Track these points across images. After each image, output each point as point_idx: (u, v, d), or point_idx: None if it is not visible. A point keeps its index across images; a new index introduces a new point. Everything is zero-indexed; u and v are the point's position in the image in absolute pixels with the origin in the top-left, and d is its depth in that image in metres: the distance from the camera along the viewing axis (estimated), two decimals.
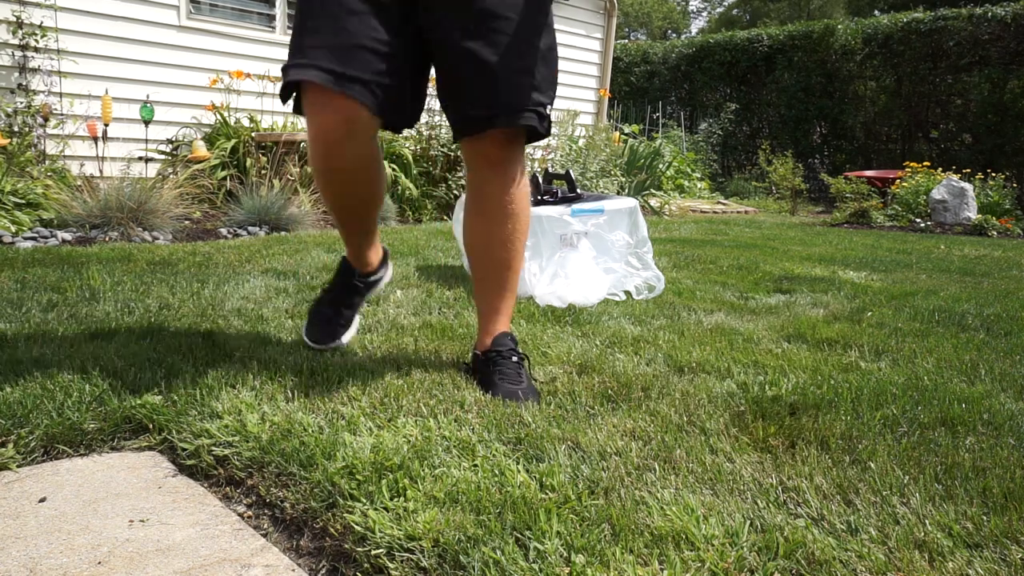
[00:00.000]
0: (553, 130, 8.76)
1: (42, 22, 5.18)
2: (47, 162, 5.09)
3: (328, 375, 1.90)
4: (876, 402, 1.89)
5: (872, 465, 1.49)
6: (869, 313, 3.07)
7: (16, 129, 4.98)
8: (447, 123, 2.02)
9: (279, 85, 2.00)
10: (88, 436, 1.58)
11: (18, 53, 5.13)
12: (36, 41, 5.15)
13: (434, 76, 1.91)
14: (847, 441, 1.62)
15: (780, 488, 1.41)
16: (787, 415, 1.77)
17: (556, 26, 1.90)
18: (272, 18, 6.74)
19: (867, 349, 2.48)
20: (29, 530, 1.25)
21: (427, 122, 6.96)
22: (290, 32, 6.92)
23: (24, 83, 5.17)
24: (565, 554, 1.14)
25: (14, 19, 5.03)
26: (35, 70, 5.20)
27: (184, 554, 1.21)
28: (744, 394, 1.92)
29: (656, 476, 1.42)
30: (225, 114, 6.07)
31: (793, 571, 1.13)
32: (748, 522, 1.26)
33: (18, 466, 1.47)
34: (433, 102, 7.18)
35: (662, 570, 1.11)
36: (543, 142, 8.71)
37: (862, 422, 1.74)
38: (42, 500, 1.35)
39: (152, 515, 1.32)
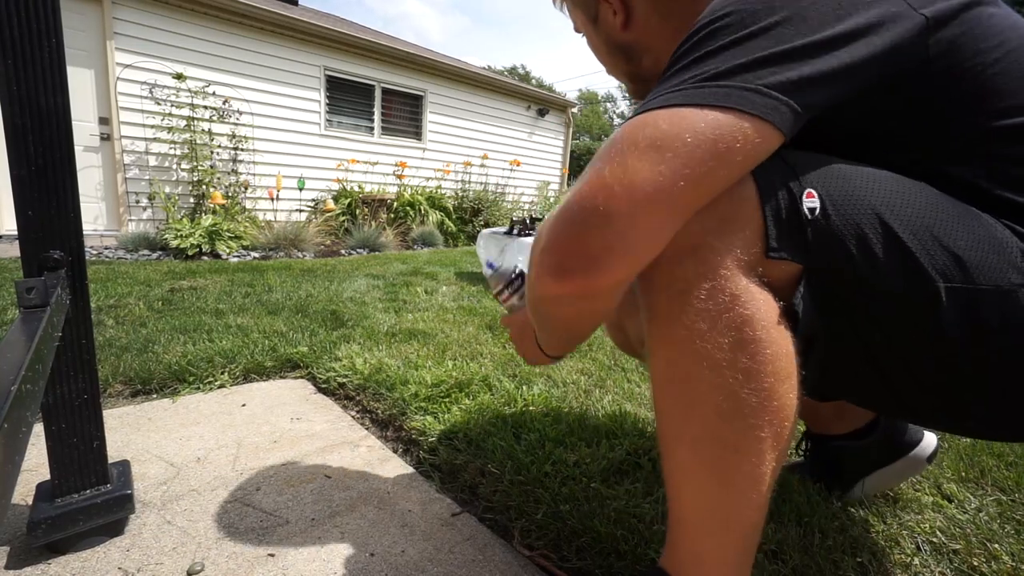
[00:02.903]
0: (534, 193, 8.68)
1: (245, 135, 5.43)
2: (246, 213, 5.22)
3: (402, 336, 1.89)
4: None
5: None
6: None
7: (230, 195, 5.19)
8: (474, 186, 1.76)
9: (376, 167, 1.89)
10: (267, 369, 1.58)
11: (232, 152, 5.36)
12: (241, 145, 5.40)
13: None
14: None
15: None
16: None
17: (540, 135, 1.68)
18: (372, 129, 6.68)
19: None
20: (236, 421, 1.26)
21: (462, 182, 6.84)
22: (383, 136, 6.82)
23: (235, 168, 5.39)
24: (541, 441, 1.14)
25: (231, 134, 5.32)
26: (240, 161, 5.43)
27: (321, 438, 1.21)
28: None
29: (596, 396, 1.43)
30: (344, 184, 6.06)
31: None
32: (648, 422, 1.26)
33: (230, 385, 1.47)
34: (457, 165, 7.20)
35: (598, 449, 1.11)
36: (528, 198, 8.48)
37: None
38: (243, 405, 1.35)
39: (303, 415, 1.32)
